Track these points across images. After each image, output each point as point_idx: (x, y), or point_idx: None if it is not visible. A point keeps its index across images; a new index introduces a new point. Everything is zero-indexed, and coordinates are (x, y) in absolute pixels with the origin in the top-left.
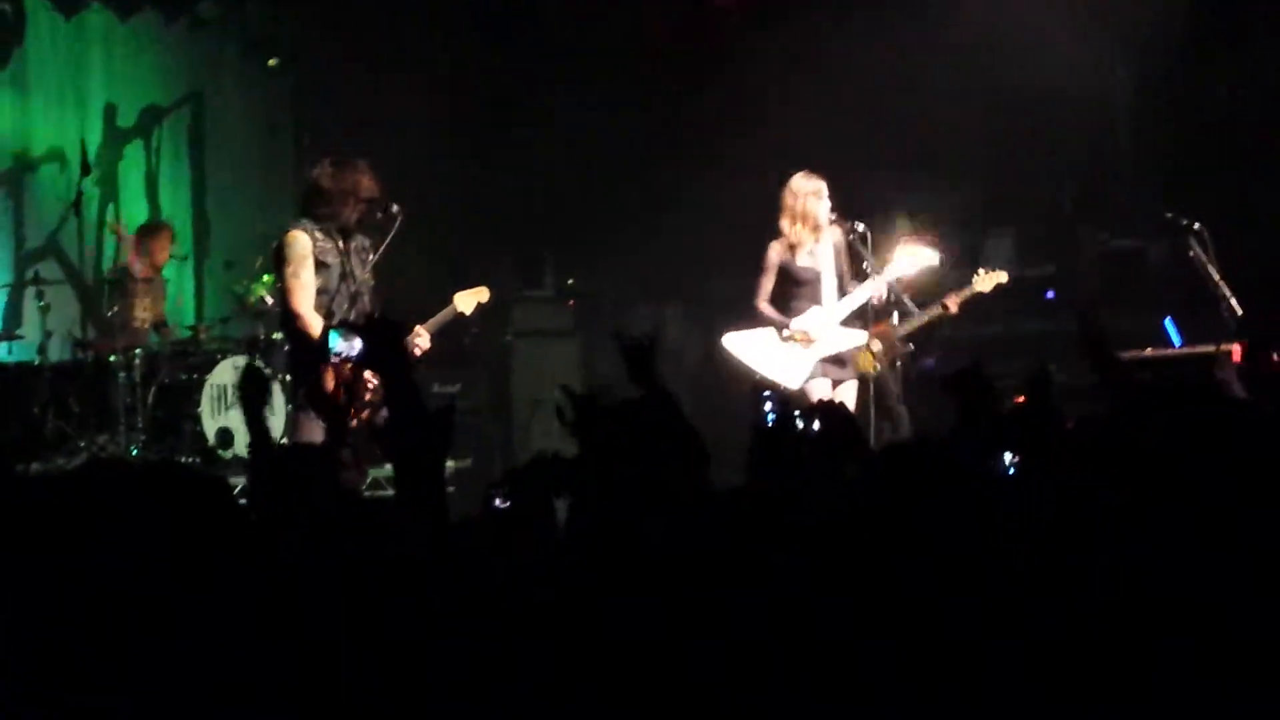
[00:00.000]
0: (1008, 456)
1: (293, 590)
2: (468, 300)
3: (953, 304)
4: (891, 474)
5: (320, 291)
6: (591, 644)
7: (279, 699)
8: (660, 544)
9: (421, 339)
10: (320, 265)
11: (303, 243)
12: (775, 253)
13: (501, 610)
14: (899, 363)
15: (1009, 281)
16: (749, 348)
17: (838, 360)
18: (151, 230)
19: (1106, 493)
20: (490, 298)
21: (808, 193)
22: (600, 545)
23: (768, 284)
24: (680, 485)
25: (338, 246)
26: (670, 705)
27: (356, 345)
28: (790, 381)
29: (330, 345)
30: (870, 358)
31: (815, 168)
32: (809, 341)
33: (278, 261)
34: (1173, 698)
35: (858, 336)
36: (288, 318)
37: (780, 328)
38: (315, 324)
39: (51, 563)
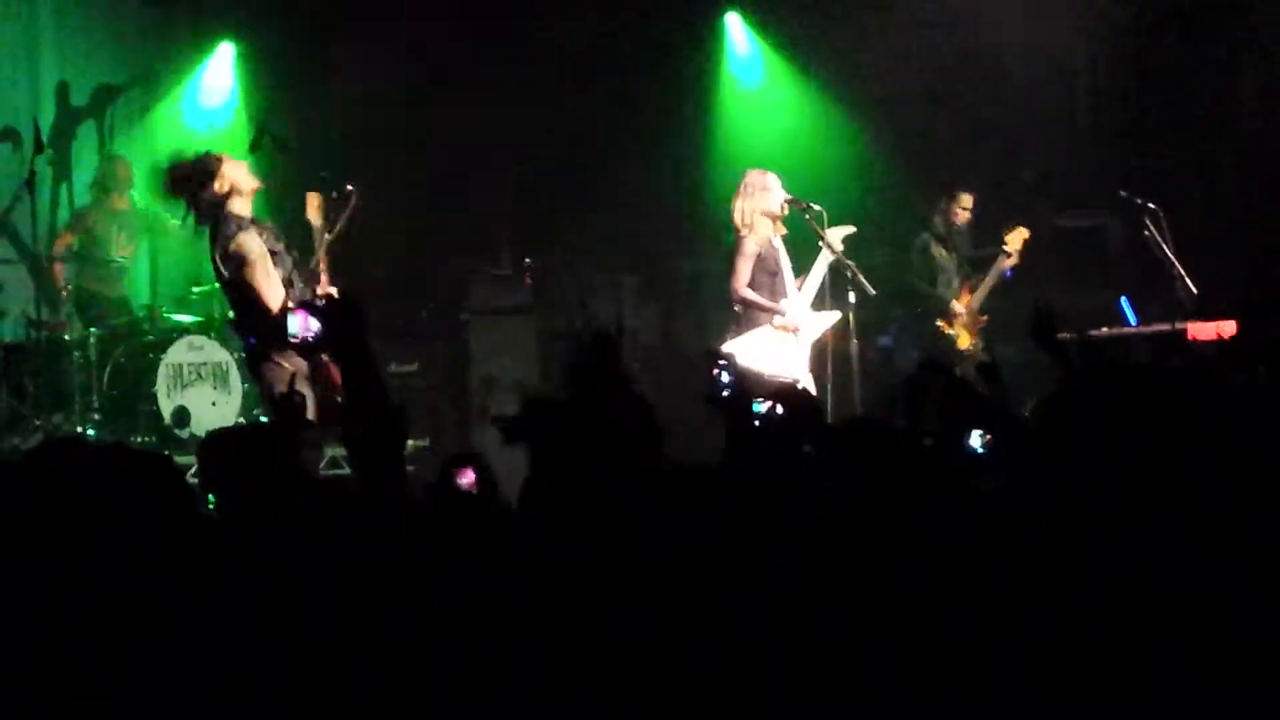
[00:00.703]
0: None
1: (250, 577)
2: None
3: (1006, 262)
4: (854, 455)
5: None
6: (556, 627)
7: (235, 681)
8: (626, 529)
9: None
10: (273, 254)
11: (256, 241)
12: (754, 243)
13: (468, 595)
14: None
15: (1029, 235)
16: (750, 351)
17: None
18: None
19: (1067, 478)
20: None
21: (760, 187)
22: (561, 528)
23: (747, 271)
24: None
25: (265, 229)
26: (645, 689)
27: (313, 325)
28: (797, 372)
29: (290, 330)
30: (967, 335)
31: (769, 147)
32: (796, 330)
33: (233, 269)
34: (1170, 696)
35: (831, 316)
36: (262, 315)
37: (773, 315)
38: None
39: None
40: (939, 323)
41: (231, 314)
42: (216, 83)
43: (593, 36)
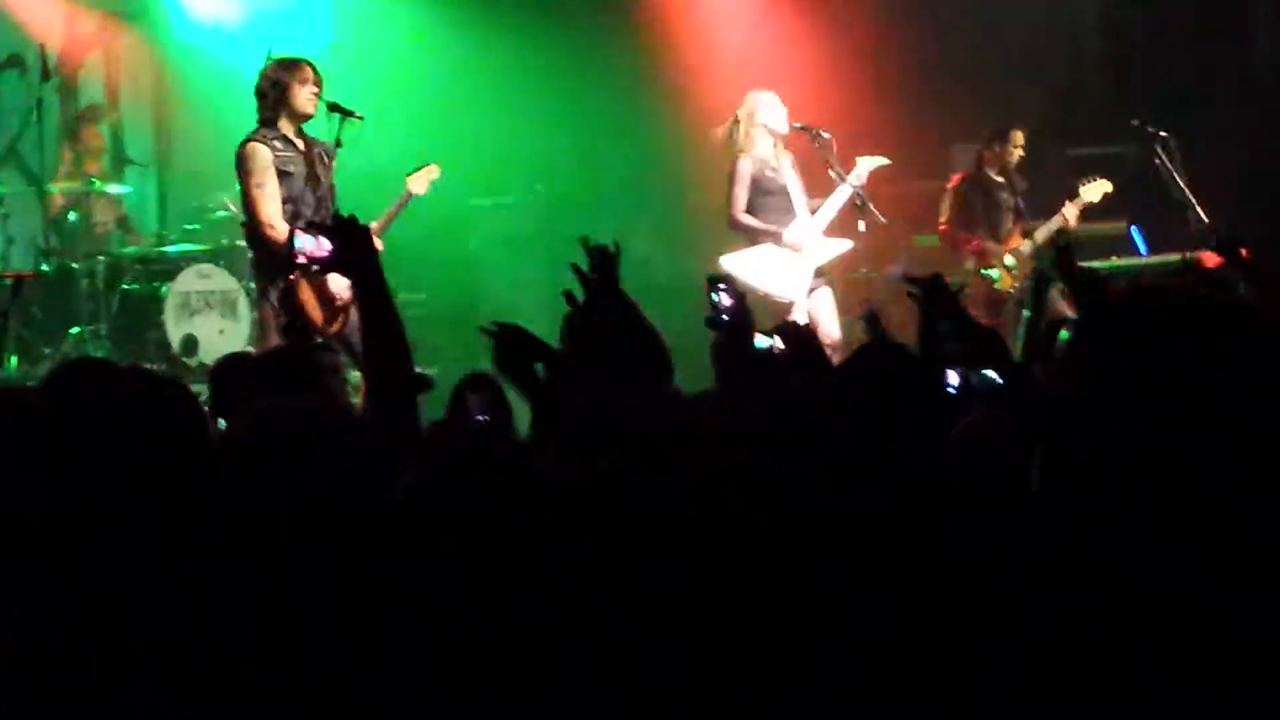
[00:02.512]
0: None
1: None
2: (420, 180)
3: (1070, 216)
4: (858, 383)
5: (285, 200)
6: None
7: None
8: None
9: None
10: (283, 174)
11: (262, 154)
12: (746, 164)
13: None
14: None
15: (1113, 190)
16: (748, 266)
17: (817, 270)
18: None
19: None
20: (440, 173)
21: (761, 104)
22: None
23: (743, 195)
24: (645, 391)
25: (299, 151)
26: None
27: (324, 245)
28: (794, 294)
29: (296, 245)
30: (1008, 276)
31: (776, 83)
32: (798, 248)
33: (240, 174)
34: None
35: (843, 244)
36: (254, 227)
37: (774, 238)
38: (284, 232)
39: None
40: (977, 263)
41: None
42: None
43: None
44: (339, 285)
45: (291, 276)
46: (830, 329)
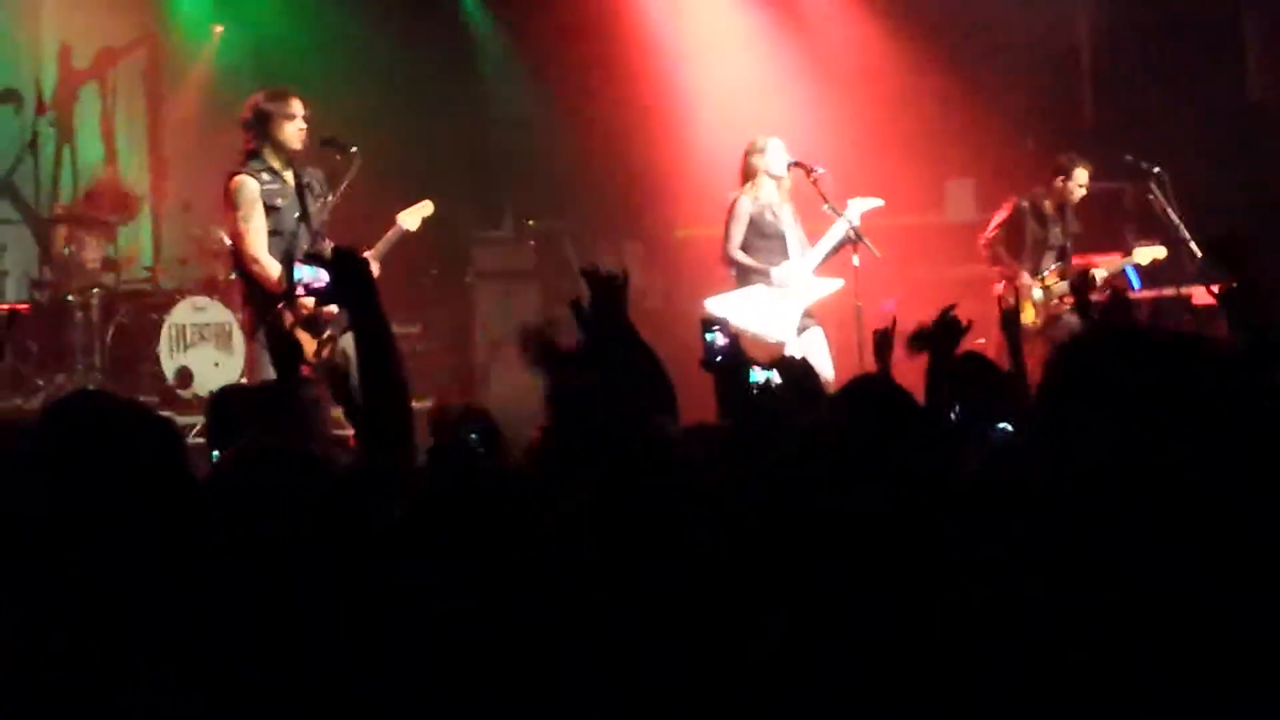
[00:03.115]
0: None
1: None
2: (412, 217)
3: (1112, 268)
4: (855, 416)
5: (273, 233)
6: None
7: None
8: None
9: (372, 268)
10: (270, 209)
11: (249, 187)
12: (746, 204)
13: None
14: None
15: (1165, 256)
16: (735, 308)
17: (806, 311)
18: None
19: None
20: (433, 210)
21: (758, 150)
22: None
23: (739, 233)
24: (650, 422)
25: (287, 183)
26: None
27: (323, 276)
28: (783, 335)
29: (295, 276)
30: (1033, 309)
31: (770, 118)
32: (787, 288)
33: (226, 207)
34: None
35: (834, 283)
36: (241, 261)
37: (764, 278)
38: (270, 266)
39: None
40: (1005, 293)
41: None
42: None
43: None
44: (328, 313)
45: (279, 306)
46: (824, 369)
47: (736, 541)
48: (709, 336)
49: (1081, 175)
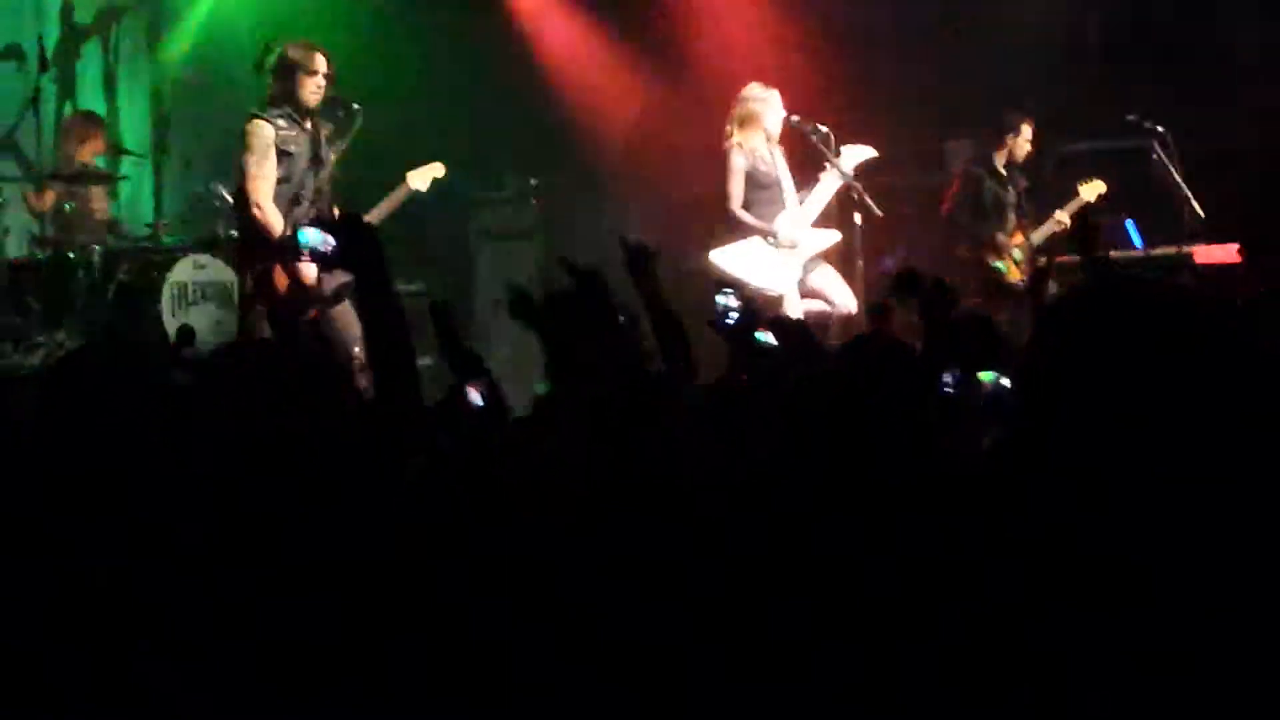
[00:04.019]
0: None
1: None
2: (423, 176)
3: (1064, 216)
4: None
5: (282, 180)
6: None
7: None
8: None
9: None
10: (283, 154)
11: (266, 132)
12: (740, 159)
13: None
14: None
15: (1105, 189)
16: (737, 261)
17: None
18: (74, 124)
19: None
20: (445, 174)
21: (757, 99)
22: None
23: (738, 189)
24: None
25: (305, 131)
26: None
27: (330, 241)
28: (783, 287)
29: (302, 241)
30: (1015, 267)
31: (770, 74)
32: (793, 245)
33: (240, 148)
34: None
35: (832, 235)
36: (243, 205)
37: (765, 235)
38: (273, 216)
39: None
40: (985, 255)
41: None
42: None
43: None
44: (312, 275)
45: (273, 265)
46: (844, 301)
47: (739, 501)
48: (720, 299)
49: (1026, 130)
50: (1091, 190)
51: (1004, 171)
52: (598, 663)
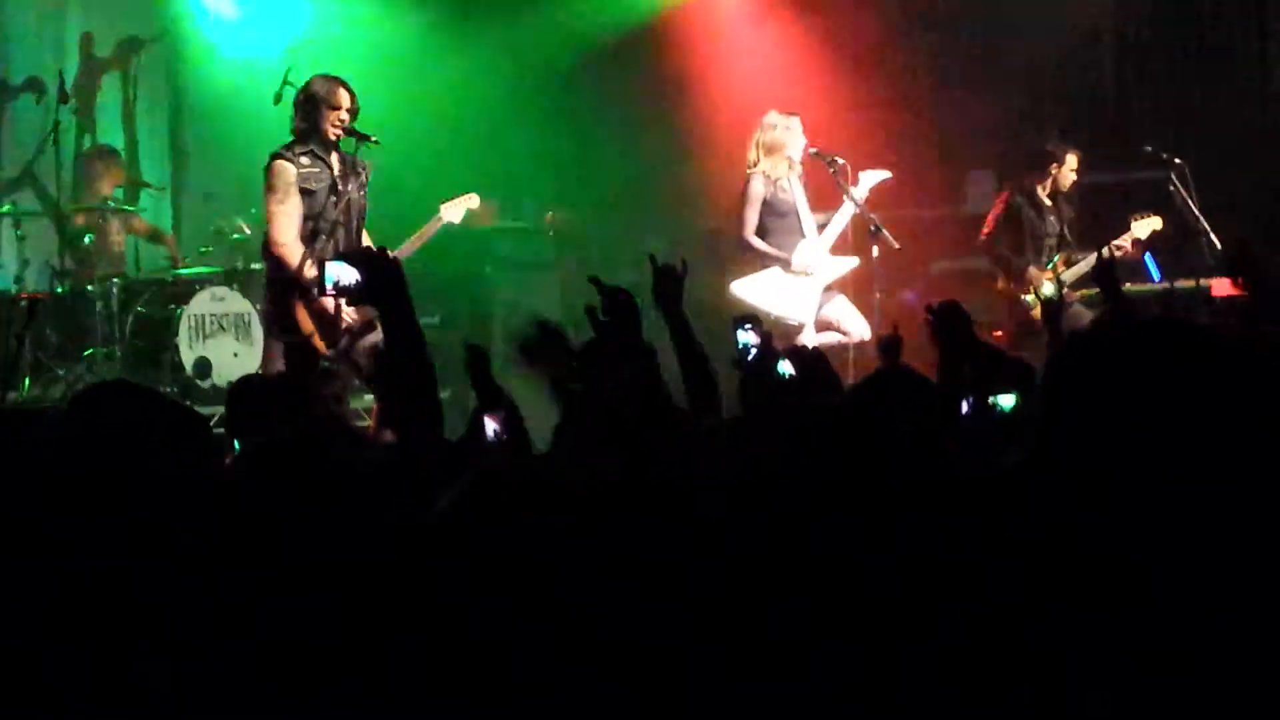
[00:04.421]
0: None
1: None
2: (456, 209)
3: (1120, 248)
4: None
5: (306, 217)
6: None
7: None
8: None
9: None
10: (306, 192)
11: (287, 171)
12: (759, 185)
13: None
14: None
15: (1163, 226)
16: (757, 291)
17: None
18: (92, 158)
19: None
20: (480, 205)
21: (781, 127)
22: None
23: (753, 216)
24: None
25: (327, 166)
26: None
27: (355, 275)
28: (803, 316)
29: (328, 276)
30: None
31: (788, 105)
32: (808, 272)
33: (265, 188)
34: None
35: (850, 261)
36: (268, 243)
37: (783, 263)
38: (296, 253)
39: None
40: (1016, 287)
41: None
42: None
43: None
44: (344, 309)
45: (293, 299)
46: (859, 329)
47: (740, 501)
48: (741, 336)
49: (1071, 160)
50: (1146, 226)
51: (1048, 201)
52: (598, 663)
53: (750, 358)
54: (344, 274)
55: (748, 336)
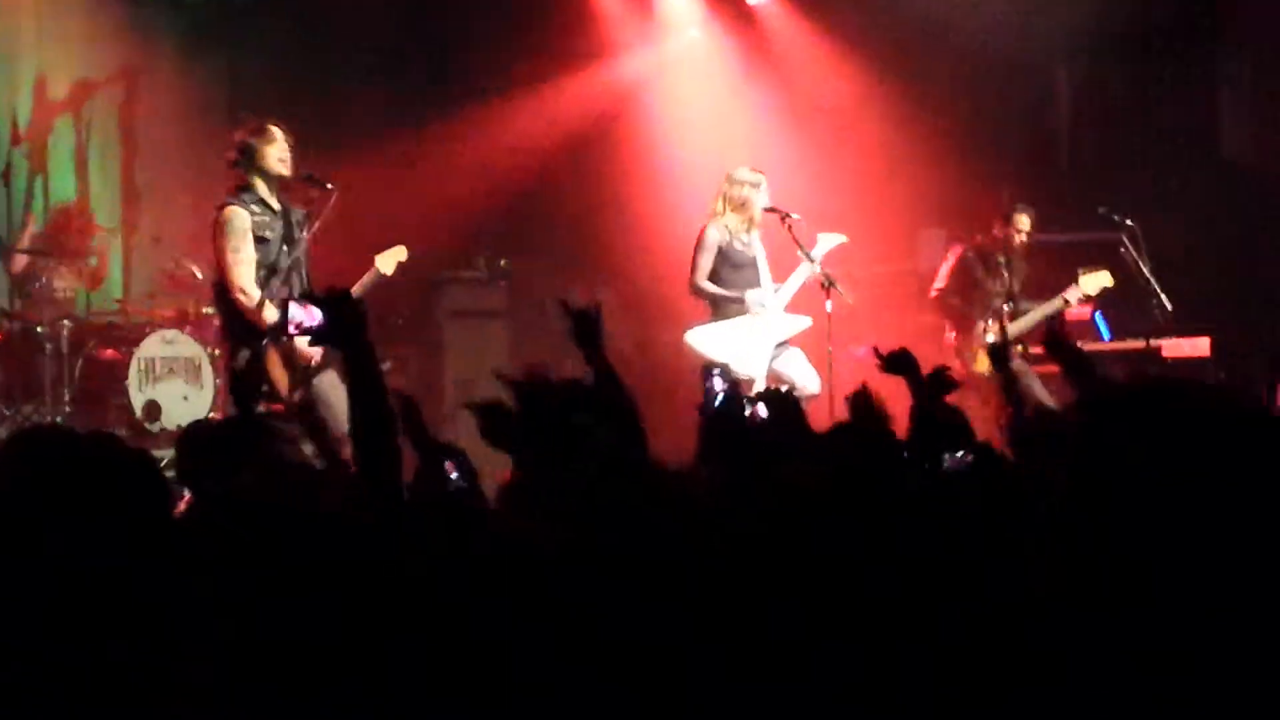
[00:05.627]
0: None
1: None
2: (388, 260)
3: (1068, 303)
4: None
5: (259, 265)
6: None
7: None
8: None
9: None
10: (260, 240)
11: (241, 218)
12: (715, 234)
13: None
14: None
15: (1113, 284)
16: (709, 342)
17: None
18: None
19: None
20: (408, 256)
21: (749, 184)
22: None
23: (707, 263)
24: (621, 463)
25: (276, 215)
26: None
27: (316, 316)
28: (753, 370)
29: (289, 315)
30: (987, 360)
31: (742, 156)
32: (762, 309)
33: (216, 237)
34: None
35: (803, 321)
36: (224, 291)
37: (736, 302)
38: (256, 298)
39: None
40: (963, 340)
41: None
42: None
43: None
44: (307, 353)
45: (264, 342)
46: (808, 383)
47: (729, 582)
48: (709, 383)
49: (1023, 221)
50: (1095, 282)
51: (1001, 258)
52: (598, 663)
53: (716, 404)
54: (306, 316)
55: (714, 383)
